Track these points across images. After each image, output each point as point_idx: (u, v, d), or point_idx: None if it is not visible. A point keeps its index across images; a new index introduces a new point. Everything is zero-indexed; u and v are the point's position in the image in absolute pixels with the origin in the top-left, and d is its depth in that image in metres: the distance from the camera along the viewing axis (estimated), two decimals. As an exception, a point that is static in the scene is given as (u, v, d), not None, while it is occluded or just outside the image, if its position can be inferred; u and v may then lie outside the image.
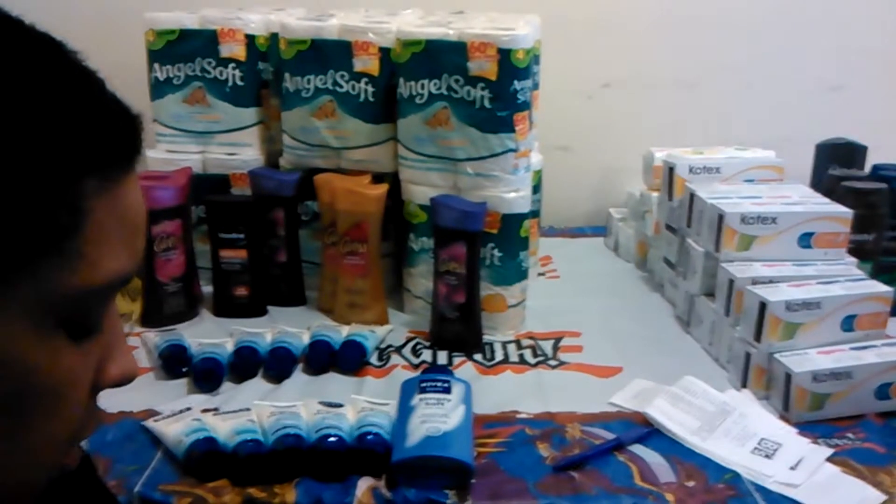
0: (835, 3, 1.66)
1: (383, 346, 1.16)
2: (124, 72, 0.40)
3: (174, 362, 1.07)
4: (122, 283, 0.39)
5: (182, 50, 1.29)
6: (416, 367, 1.10)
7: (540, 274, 1.45)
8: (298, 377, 1.07)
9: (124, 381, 0.42)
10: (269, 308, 1.27)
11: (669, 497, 0.83)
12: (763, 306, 1.01)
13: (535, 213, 1.36)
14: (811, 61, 1.68)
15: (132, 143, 0.39)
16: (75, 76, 0.37)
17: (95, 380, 0.41)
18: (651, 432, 0.94)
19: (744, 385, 1.04)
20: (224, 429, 0.90)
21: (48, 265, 0.35)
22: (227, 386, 1.04)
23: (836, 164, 1.40)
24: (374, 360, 1.12)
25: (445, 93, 1.13)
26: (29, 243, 0.34)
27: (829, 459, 0.90)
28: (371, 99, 1.21)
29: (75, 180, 0.35)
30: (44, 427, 0.38)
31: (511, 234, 1.17)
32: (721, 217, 1.11)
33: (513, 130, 1.13)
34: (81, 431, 0.41)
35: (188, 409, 0.96)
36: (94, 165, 0.36)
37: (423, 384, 0.95)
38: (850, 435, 0.95)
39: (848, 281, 1.06)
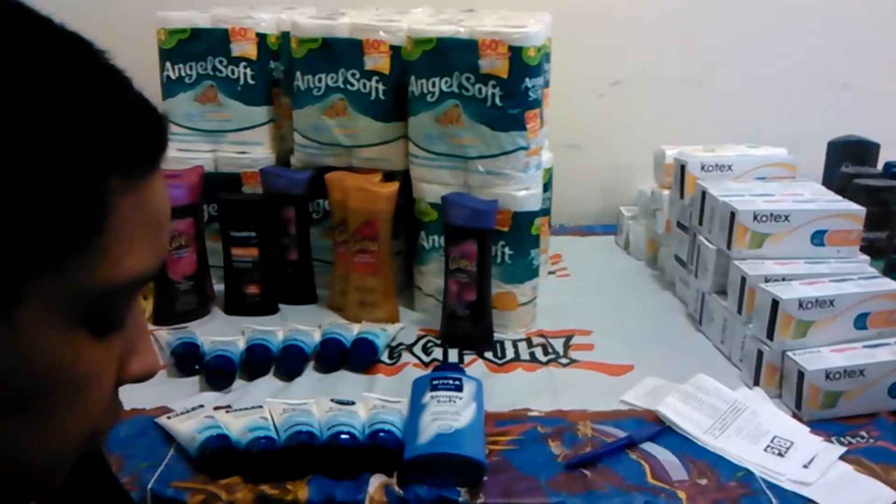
0: (846, 1, 1.65)
1: (394, 344, 1.16)
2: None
3: (186, 360, 1.07)
4: (145, 280, 0.39)
5: (194, 49, 1.29)
6: (427, 364, 1.11)
7: (550, 272, 1.45)
8: (310, 375, 1.07)
9: (145, 376, 0.43)
10: (281, 306, 1.27)
11: (682, 495, 0.83)
12: (775, 304, 1.00)
13: (545, 212, 1.36)
14: (822, 58, 1.67)
15: (157, 141, 0.39)
16: (102, 75, 0.37)
17: (118, 374, 0.41)
18: (663, 430, 0.94)
19: (756, 383, 1.04)
20: (236, 426, 0.90)
21: (73, 262, 0.35)
22: (238, 383, 1.05)
23: (848, 161, 1.40)
24: (385, 358, 1.12)
25: (456, 91, 1.13)
26: (55, 241, 0.34)
27: (842, 458, 0.89)
28: (382, 97, 1.22)
29: (101, 178, 0.35)
30: (67, 420, 0.38)
31: (522, 231, 1.17)
32: (733, 215, 1.11)
33: (524, 128, 1.13)
34: (103, 424, 0.41)
35: (201, 406, 0.96)
36: (119, 164, 0.36)
37: (435, 382, 0.95)
38: (863, 433, 0.94)
39: (861, 279, 1.06)
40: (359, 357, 1.09)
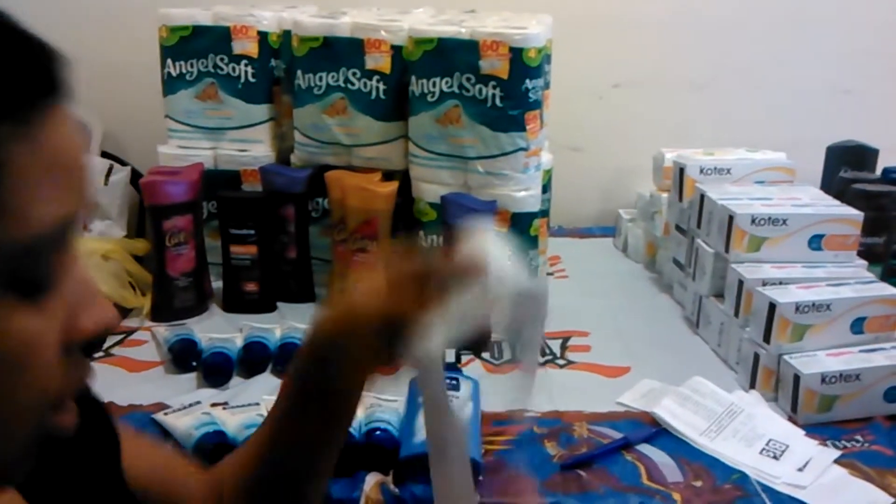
0: (846, 5, 1.65)
1: (392, 343, 1.16)
2: (137, 67, 0.40)
3: (184, 356, 1.07)
4: (66, 228, 0.36)
5: (195, 46, 1.29)
6: (424, 364, 1.10)
7: (549, 273, 1.45)
8: (307, 373, 1.07)
9: (101, 331, 0.39)
10: (279, 304, 1.27)
11: (676, 497, 0.83)
12: (772, 307, 1.00)
13: (544, 213, 1.36)
14: (823, 63, 1.68)
15: (45, 79, 0.35)
16: None
17: (66, 337, 0.37)
18: (659, 432, 0.94)
19: (752, 386, 1.04)
20: (233, 423, 0.90)
21: None
22: (235, 381, 1.05)
23: (846, 166, 1.40)
24: (382, 356, 1.12)
25: (457, 91, 1.14)
26: None
27: (837, 461, 0.90)
28: (382, 96, 1.22)
29: None
30: (13, 395, 0.35)
31: (521, 232, 1.18)
32: (731, 218, 1.11)
33: (524, 129, 1.13)
34: (60, 391, 0.38)
35: (198, 403, 0.96)
36: (1, 111, 0.33)
37: (432, 381, 0.95)
38: (858, 437, 0.95)
39: (858, 283, 1.06)
40: (356, 356, 1.09)
